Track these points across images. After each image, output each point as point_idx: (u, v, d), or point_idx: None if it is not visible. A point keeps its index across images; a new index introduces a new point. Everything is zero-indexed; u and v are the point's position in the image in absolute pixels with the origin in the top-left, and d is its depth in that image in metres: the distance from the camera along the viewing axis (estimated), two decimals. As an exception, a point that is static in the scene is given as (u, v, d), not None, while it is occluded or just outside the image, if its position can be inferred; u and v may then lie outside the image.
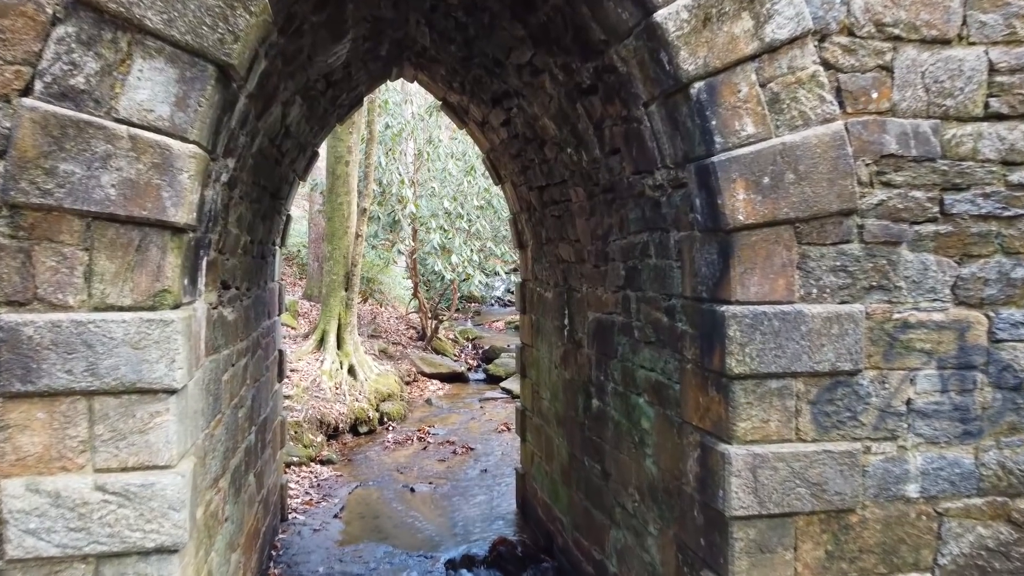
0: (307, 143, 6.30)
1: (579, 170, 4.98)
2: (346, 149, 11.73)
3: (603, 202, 4.75)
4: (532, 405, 7.25)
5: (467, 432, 11.50)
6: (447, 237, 14.86)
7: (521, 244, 7.48)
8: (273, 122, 4.42)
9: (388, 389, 12.47)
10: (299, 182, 6.97)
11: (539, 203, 6.29)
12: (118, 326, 2.77)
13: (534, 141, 5.67)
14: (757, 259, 3.20)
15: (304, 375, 10.99)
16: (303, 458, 9.16)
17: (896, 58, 3.27)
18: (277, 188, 5.83)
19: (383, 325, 17.35)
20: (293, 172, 6.50)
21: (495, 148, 6.95)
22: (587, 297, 5.35)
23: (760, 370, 3.20)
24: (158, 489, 2.80)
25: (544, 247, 6.51)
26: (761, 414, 3.22)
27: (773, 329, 3.19)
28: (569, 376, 5.84)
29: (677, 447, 3.78)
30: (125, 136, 2.75)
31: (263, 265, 5.87)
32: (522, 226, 7.23)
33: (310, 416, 9.95)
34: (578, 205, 5.25)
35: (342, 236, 12.04)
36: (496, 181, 7.58)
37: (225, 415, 4.09)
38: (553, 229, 6.08)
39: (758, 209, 3.17)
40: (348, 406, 10.98)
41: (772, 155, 3.17)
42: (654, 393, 4.11)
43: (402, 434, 11.22)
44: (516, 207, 7.22)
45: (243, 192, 4.28)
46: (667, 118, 3.46)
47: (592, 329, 5.23)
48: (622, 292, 4.61)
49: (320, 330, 11.97)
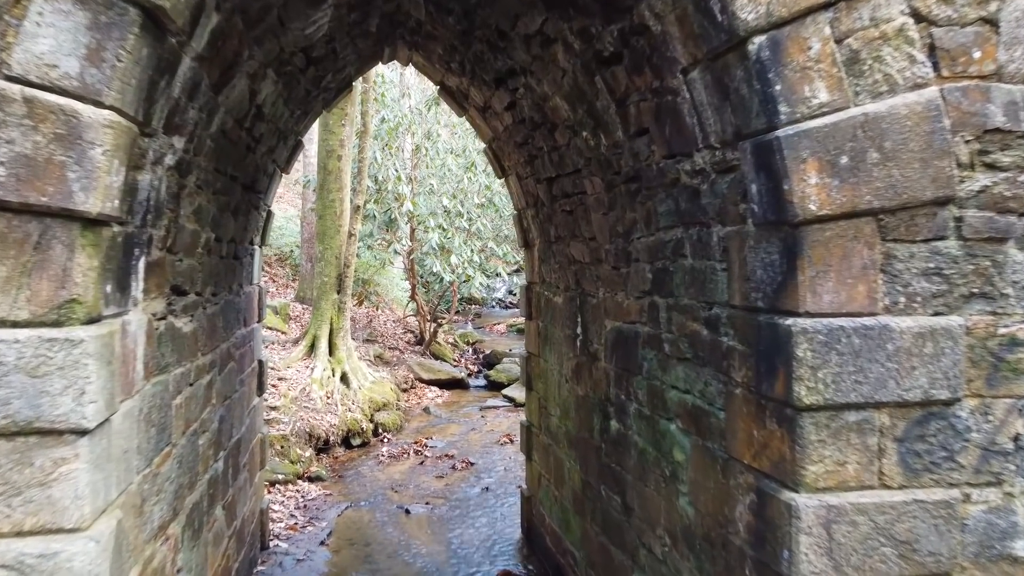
0: (288, 130, 5.66)
1: (596, 157, 4.34)
2: (338, 142, 11.10)
3: (625, 193, 4.11)
4: (539, 421, 6.61)
5: (467, 444, 10.86)
6: (446, 237, 14.23)
7: (527, 243, 6.85)
8: (238, 98, 3.79)
9: (383, 398, 11.84)
10: (280, 174, 6.34)
11: (548, 197, 5.66)
12: (9, 347, 2.13)
13: (543, 126, 5.04)
14: (832, 259, 2.56)
15: (293, 384, 10.36)
16: (289, 475, 8.53)
17: (1003, 9, 2.63)
18: (252, 180, 5.20)
19: (379, 329, 16.71)
20: (273, 163, 5.87)
21: (498, 137, 6.31)
22: (604, 303, 4.71)
23: (836, 400, 2.56)
24: (63, 560, 2.17)
25: (553, 246, 5.88)
26: (836, 454, 2.58)
27: (852, 348, 2.56)
28: (583, 392, 5.21)
29: (721, 488, 3.14)
30: (19, 99, 2.12)
31: (236, 267, 5.24)
32: (528, 223, 6.60)
33: (298, 429, 9.31)
34: (594, 198, 4.62)
35: (334, 235, 11.40)
36: (499, 174, 6.94)
37: (178, 446, 3.45)
38: (564, 226, 5.45)
39: (834, 196, 2.53)
40: (340, 417, 10.34)
41: (851, 129, 2.53)
42: (690, 420, 3.47)
43: (398, 447, 10.59)
44: (521, 202, 6.59)
45: (202, 180, 3.64)
46: (714, 85, 2.82)
47: (610, 340, 4.60)
48: (648, 298, 3.97)
49: (310, 335, 11.34)
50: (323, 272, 11.42)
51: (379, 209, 14.22)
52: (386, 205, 14.15)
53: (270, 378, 10.16)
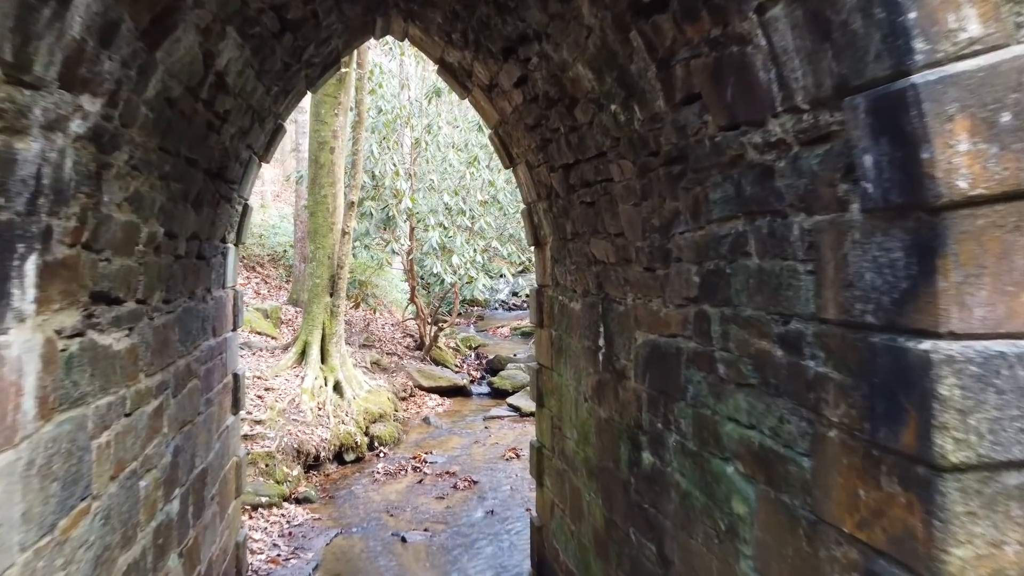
0: (264, 110, 4.96)
1: (627, 135, 3.63)
2: (331, 134, 10.38)
3: (664, 178, 3.39)
4: (552, 443, 5.89)
5: (470, 460, 10.15)
6: (447, 236, 13.51)
7: (537, 241, 6.13)
8: (186, 59, 3.07)
9: (380, 408, 11.13)
10: (258, 163, 5.63)
11: (563, 187, 4.94)
12: None
13: (560, 102, 4.32)
14: (986, 258, 1.84)
15: (281, 394, 9.65)
16: (274, 497, 7.81)
17: None
18: (220, 166, 4.49)
19: (377, 333, 16.01)
20: (248, 149, 5.16)
21: (505, 120, 5.60)
22: (634, 312, 3.99)
23: (993, 456, 1.84)
24: None
25: (569, 244, 5.16)
26: (992, 532, 1.86)
27: (1017, 384, 1.84)
28: (606, 415, 4.49)
29: (806, 559, 2.42)
30: None
31: (201, 268, 4.54)
32: (539, 219, 5.88)
33: (285, 445, 8.60)
34: (622, 185, 3.90)
35: (326, 233, 10.69)
36: (506, 164, 6.22)
37: (104, 497, 2.74)
38: (583, 220, 4.73)
39: (992, 170, 1.81)
40: (332, 430, 9.63)
41: (1015, 74, 1.81)
42: (756, 464, 2.75)
43: (395, 462, 9.87)
44: (531, 195, 5.87)
45: (139, 160, 2.93)
46: (807, 22, 2.10)
47: (642, 356, 3.88)
48: (694, 307, 3.25)
49: (301, 341, 10.63)
50: (315, 273, 10.71)
51: (376, 206, 13.51)
52: (383, 202, 13.45)
53: (256, 388, 9.46)
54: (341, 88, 10.17)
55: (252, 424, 8.52)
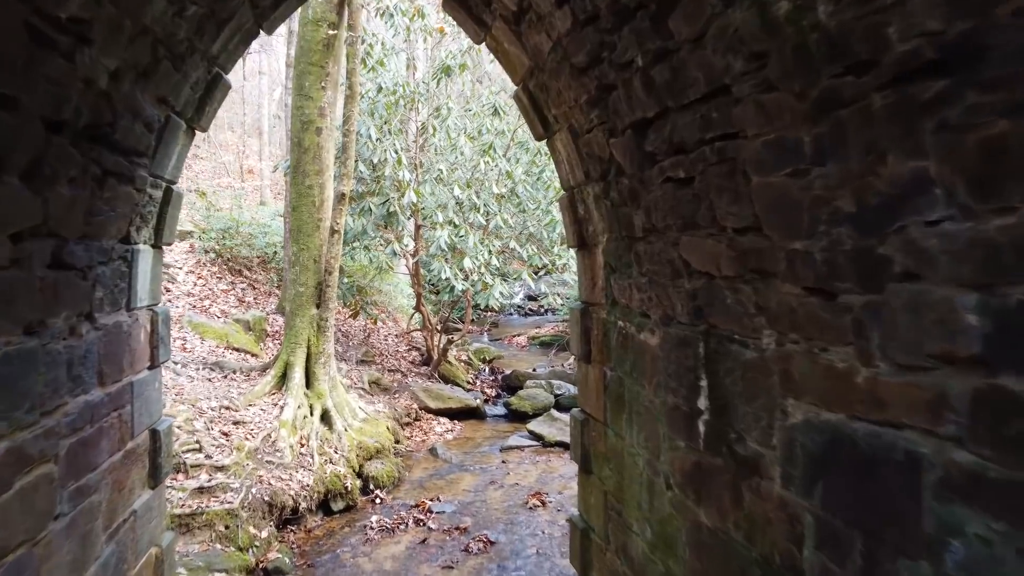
0: (180, 44, 3.34)
1: (793, 41, 1.97)
2: (316, 111, 8.76)
3: (884, 114, 1.73)
4: (606, 530, 4.22)
5: (485, 508, 8.49)
6: (458, 235, 11.87)
7: (583, 240, 4.48)
8: None
9: (377, 441, 9.51)
10: (185, 128, 4.02)
11: (633, 158, 3.28)
12: None
13: (642, 9, 2.67)
14: None
15: (253, 429, 8.03)
16: (235, 570, 6.19)
17: None
18: (95, 122, 2.87)
19: (377, 346, 14.41)
20: (163, 105, 3.55)
21: (540, 66, 3.95)
22: (782, 364, 2.33)
23: None
24: None
25: (638, 244, 3.51)
26: None
27: None
28: (713, 523, 2.82)
29: None
30: None
31: (69, 284, 2.92)
32: (586, 209, 4.24)
33: (254, 498, 6.98)
34: (765, 142, 2.24)
35: (312, 232, 9.06)
36: (539, 133, 4.57)
37: None
38: (667, 208, 3.07)
39: None
40: (317, 473, 8.01)
41: None
42: None
43: (393, 512, 8.23)
44: (576, 175, 4.22)
45: None
46: None
47: (808, 449, 2.21)
48: (968, 376, 1.58)
49: (281, 362, 9.01)
50: (298, 280, 9.08)
51: (376, 201, 11.89)
52: (384, 196, 11.83)
53: (220, 423, 7.85)
54: (329, 55, 8.55)
55: (211, 472, 6.91)
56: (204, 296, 12.48)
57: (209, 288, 12.97)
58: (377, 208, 11.89)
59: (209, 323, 11.02)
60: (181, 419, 7.35)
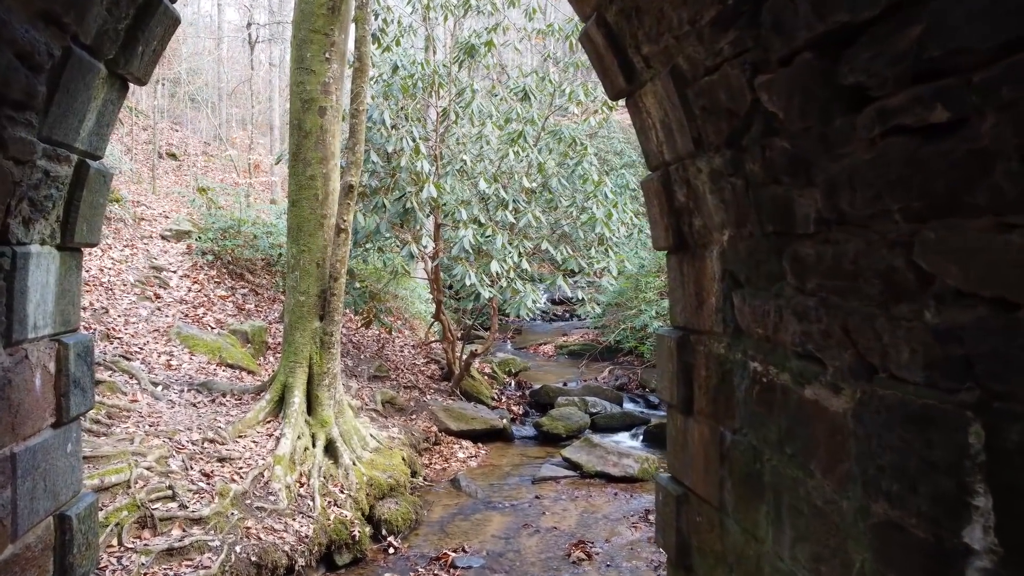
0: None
1: None
2: (319, 87, 7.54)
3: None
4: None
5: (519, 560, 7.23)
6: (483, 235, 10.63)
7: (680, 239, 3.20)
8: None
9: (391, 475, 8.28)
10: (105, 75, 2.80)
11: (808, 99, 2.01)
12: None
13: None
14: None
15: (242, 467, 6.83)
16: (210, 658, 4.99)
17: None
18: None
19: (392, 358, 13.20)
20: (58, 29, 2.32)
21: (630, -22, 2.69)
22: None
23: None
24: None
25: (798, 244, 2.23)
26: None
27: None
28: None
29: None
30: None
31: None
32: (692, 192, 2.96)
33: (238, 556, 5.76)
34: None
35: (315, 231, 7.85)
36: (619, 85, 3.29)
37: None
38: (885, 181, 1.79)
39: None
40: (318, 519, 6.79)
41: None
42: None
43: (409, 567, 6.99)
44: (676, 143, 2.95)
45: None
46: None
47: None
48: None
49: (279, 384, 7.81)
50: (298, 287, 7.86)
51: (390, 197, 10.68)
52: (400, 190, 10.61)
53: (201, 462, 6.66)
54: (335, 21, 7.33)
55: (185, 526, 5.71)
56: (199, 303, 11.34)
57: (205, 294, 11.83)
58: (392, 204, 10.68)
59: (201, 335, 9.87)
60: (152, 458, 6.16)
